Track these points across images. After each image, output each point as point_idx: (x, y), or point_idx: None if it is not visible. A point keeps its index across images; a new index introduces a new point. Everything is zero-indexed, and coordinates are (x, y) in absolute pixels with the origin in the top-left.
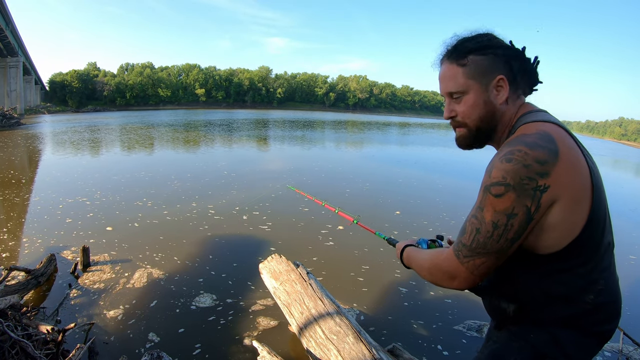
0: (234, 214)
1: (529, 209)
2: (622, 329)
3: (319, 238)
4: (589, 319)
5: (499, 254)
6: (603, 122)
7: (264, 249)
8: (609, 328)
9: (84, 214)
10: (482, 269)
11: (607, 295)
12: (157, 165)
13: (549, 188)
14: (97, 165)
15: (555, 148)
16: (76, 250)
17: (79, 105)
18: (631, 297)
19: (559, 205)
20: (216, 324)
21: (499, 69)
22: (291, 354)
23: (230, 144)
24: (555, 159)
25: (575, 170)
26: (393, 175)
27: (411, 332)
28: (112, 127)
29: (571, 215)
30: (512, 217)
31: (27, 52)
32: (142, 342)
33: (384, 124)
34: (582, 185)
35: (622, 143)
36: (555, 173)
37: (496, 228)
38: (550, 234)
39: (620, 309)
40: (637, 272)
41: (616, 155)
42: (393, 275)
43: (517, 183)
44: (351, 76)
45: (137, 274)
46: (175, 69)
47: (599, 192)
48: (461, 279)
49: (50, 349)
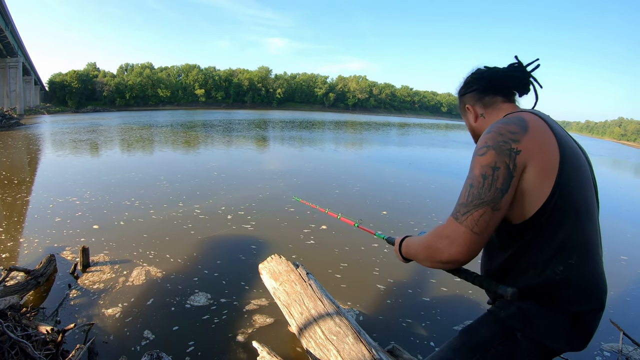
0: (219, 214)
1: (508, 165)
2: (622, 329)
3: (301, 237)
4: (559, 292)
5: (494, 204)
6: (602, 122)
7: (260, 249)
8: (582, 310)
9: (72, 212)
10: (481, 222)
11: (580, 275)
12: (147, 166)
13: (520, 152)
14: (90, 166)
15: (525, 124)
16: (72, 249)
17: (78, 106)
18: (631, 297)
19: (529, 171)
20: (210, 322)
21: (467, 101)
22: (291, 354)
23: (224, 144)
24: (525, 131)
25: (542, 142)
26: (386, 176)
27: (411, 332)
28: (109, 128)
29: (539, 183)
30: (497, 170)
31: (27, 52)
32: (139, 340)
33: (383, 125)
34: (549, 156)
35: (622, 143)
36: (524, 141)
37: (485, 178)
38: (522, 202)
39: (600, 299)
40: (629, 271)
41: (616, 156)
42: (393, 276)
43: (495, 144)
44: (351, 76)
45: (135, 272)
46: (174, 70)
47: (568, 169)
48: (460, 241)
49: (50, 349)
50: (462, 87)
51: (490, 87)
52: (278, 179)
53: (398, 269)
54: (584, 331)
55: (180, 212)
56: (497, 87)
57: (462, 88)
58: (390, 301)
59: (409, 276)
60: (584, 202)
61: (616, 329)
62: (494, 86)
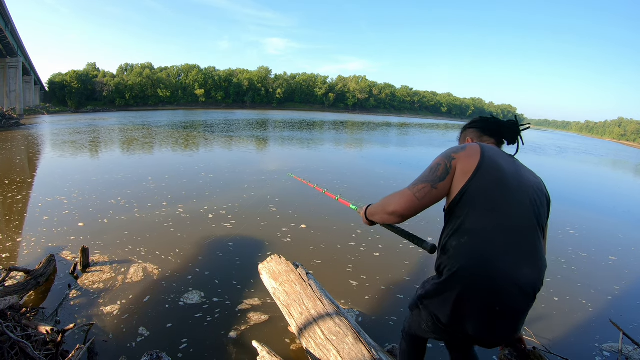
0: (201, 213)
1: (446, 165)
2: (622, 329)
3: (278, 235)
4: (451, 265)
5: (433, 183)
6: (602, 122)
7: (237, 246)
8: (462, 279)
9: (72, 212)
10: (422, 191)
11: (472, 255)
12: (135, 166)
13: (455, 159)
14: (91, 166)
15: (465, 147)
16: (72, 248)
17: (78, 106)
18: (631, 297)
19: (457, 171)
20: (203, 320)
21: (468, 134)
22: (291, 354)
23: (217, 145)
24: (463, 150)
25: (469, 157)
26: (377, 176)
27: None
28: (107, 128)
29: (459, 181)
30: (439, 165)
31: (27, 52)
32: (135, 337)
33: (382, 125)
34: (469, 166)
35: (622, 143)
36: (459, 155)
37: (432, 169)
38: (450, 192)
39: (496, 285)
40: (629, 271)
41: (617, 156)
42: (393, 276)
43: (444, 154)
44: (350, 77)
45: (132, 269)
46: (174, 70)
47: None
48: (404, 199)
49: (50, 349)
50: (469, 122)
51: (489, 130)
52: (267, 179)
53: (396, 269)
54: (469, 309)
55: (163, 212)
56: (494, 132)
57: (469, 123)
58: (390, 301)
59: (410, 276)
60: (491, 201)
61: (616, 329)
62: (492, 130)
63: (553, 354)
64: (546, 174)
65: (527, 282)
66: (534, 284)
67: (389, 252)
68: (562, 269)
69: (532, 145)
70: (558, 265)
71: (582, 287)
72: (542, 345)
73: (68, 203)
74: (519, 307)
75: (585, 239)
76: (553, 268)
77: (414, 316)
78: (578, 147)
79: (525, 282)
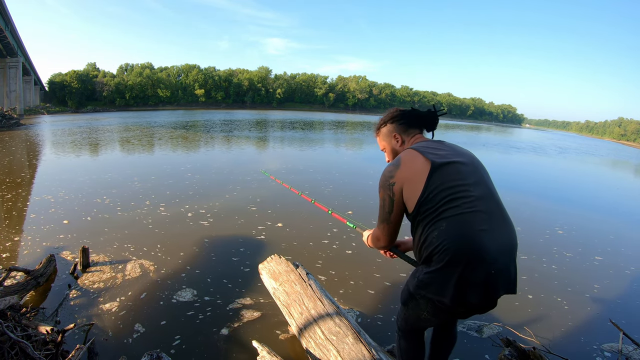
0: (182, 212)
1: (389, 195)
2: (622, 329)
3: (253, 232)
4: (440, 252)
5: (387, 220)
6: (602, 122)
7: (213, 243)
8: (452, 259)
9: (69, 211)
10: (385, 229)
11: (456, 236)
12: (125, 167)
13: (395, 183)
14: (89, 165)
15: (399, 161)
16: (72, 248)
17: (78, 106)
18: (631, 297)
19: (406, 187)
20: (195, 317)
21: (394, 130)
22: (291, 354)
23: (212, 145)
24: (398, 167)
25: (410, 169)
26: (367, 176)
27: None
28: (106, 128)
29: (414, 191)
30: (384, 200)
31: (27, 52)
32: (132, 335)
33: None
34: (417, 176)
35: (622, 143)
36: (397, 174)
37: (381, 207)
38: (408, 203)
39: (487, 255)
40: (629, 271)
41: (617, 156)
42: (393, 276)
43: (382, 184)
44: (350, 77)
45: (129, 266)
46: (174, 70)
47: (438, 175)
48: (382, 237)
49: (50, 349)
50: (390, 118)
51: (413, 123)
52: (253, 181)
53: (392, 269)
54: (470, 283)
55: (145, 210)
56: (418, 123)
57: (390, 119)
58: (390, 302)
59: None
60: (452, 187)
61: (616, 329)
62: (415, 123)
63: (553, 354)
64: (546, 174)
65: (508, 240)
66: (513, 240)
67: (361, 249)
68: (564, 269)
69: (532, 146)
70: (558, 266)
71: (582, 287)
72: (542, 345)
73: (55, 201)
74: (509, 262)
75: (583, 239)
76: (554, 268)
77: (409, 309)
78: (578, 147)
79: (506, 241)
